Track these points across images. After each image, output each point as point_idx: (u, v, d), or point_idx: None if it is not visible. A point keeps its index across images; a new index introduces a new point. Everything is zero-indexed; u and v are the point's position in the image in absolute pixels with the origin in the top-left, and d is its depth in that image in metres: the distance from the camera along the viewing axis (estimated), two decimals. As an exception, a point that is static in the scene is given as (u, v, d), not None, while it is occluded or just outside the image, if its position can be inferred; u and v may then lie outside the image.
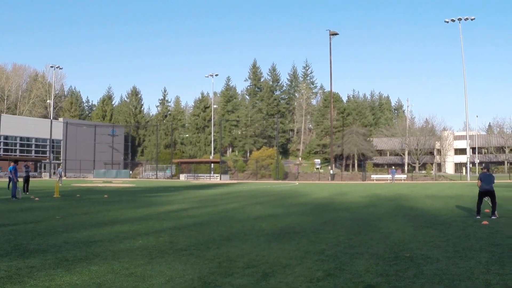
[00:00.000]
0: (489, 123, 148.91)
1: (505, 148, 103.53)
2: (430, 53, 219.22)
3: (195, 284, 6.94)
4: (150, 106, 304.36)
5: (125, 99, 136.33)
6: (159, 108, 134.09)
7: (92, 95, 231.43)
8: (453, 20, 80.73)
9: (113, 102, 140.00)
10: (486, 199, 17.05)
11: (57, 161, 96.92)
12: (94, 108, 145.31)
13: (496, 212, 16.55)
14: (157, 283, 6.97)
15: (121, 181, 69.49)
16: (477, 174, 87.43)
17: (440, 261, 8.68)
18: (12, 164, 27.63)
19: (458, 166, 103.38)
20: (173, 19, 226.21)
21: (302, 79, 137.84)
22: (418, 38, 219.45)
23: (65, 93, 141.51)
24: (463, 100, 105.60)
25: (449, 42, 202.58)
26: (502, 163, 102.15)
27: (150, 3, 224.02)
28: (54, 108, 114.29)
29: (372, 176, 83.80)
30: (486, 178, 16.81)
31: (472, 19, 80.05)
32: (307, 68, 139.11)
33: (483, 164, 18.58)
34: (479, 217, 16.38)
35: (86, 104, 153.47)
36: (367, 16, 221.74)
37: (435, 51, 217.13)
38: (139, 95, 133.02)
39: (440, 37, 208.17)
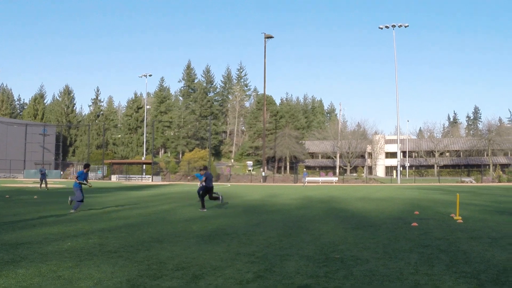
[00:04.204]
0: (420, 127, 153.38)
1: (435, 152, 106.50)
2: (363, 58, 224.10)
3: (124, 287, 6.80)
4: (83, 105, 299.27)
5: (58, 97, 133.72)
6: (91, 108, 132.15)
7: (24, 93, 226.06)
8: (387, 27, 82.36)
9: (45, 101, 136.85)
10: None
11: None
12: (25, 107, 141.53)
13: (203, 207, 19.70)
14: (85, 286, 6.80)
15: (52, 181, 67.92)
16: (407, 177, 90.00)
17: (370, 262, 8.74)
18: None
19: (389, 169, 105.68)
20: (106, 17, 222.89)
21: (236, 81, 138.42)
22: (351, 43, 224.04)
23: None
24: (395, 105, 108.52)
25: (382, 47, 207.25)
26: (432, 166, 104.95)
27: None
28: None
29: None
30: (211, 177, 20.64)
31: (406, 26, 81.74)
32: (241, 70, 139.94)
33: (203, 167, 21.62)
34: (205, 210, 19.55)
35: (18, 102, 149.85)
36: (301, 20, 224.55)
37: (368, 56, 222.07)
38: (72, 94, 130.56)
39: (373, 43, 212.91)
